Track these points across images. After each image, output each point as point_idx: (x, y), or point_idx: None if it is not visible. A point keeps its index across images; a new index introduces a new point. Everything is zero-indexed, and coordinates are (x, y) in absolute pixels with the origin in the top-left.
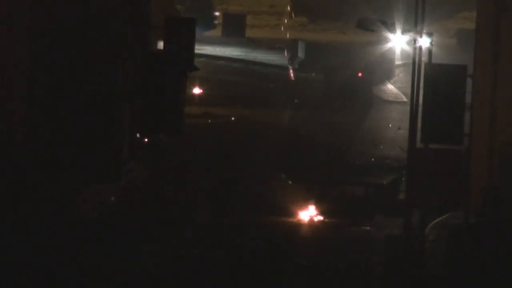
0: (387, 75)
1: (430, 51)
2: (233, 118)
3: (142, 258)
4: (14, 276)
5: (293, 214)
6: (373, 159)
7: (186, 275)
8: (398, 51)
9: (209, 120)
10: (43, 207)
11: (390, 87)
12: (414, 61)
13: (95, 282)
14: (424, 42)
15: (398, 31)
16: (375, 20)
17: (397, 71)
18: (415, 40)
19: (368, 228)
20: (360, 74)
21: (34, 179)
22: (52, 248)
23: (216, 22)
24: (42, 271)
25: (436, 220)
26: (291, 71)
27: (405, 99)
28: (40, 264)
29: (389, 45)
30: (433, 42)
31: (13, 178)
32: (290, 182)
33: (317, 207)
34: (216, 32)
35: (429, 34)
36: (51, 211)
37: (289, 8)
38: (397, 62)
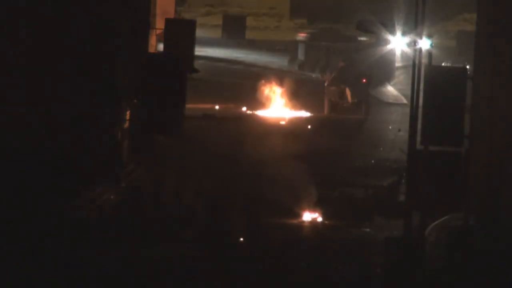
0: (387, 77)
1: (430, 53)
2: (233, 120)
3: (141, 259)
4: (14, 276)
5: (292, 215)
6: (373, 161)
7: (186, 276)
8: (398, 53)
9: (209, 122)
10: (43, 208)
11: (390, 89)
12: (414, 63)
13: (95, 282)
14: (424, 44)
15: (398, 33)
16: (375, 21)
17: (397, 73)
18: (415, 42)
19: (368, 230)
20: (364, 80)
21: (34, 180)
22: (52, 249)
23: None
24: (42, 271)
25: (436, 222)
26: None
27: (405, 101)
28: (40, 264)
29: (389, 46)
30: (433, 44)
31: (13, 179)
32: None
33: (317, 209)
34: (217, 34)
35: (430, 36)
36: (51, 212)
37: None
38: (397, 64)
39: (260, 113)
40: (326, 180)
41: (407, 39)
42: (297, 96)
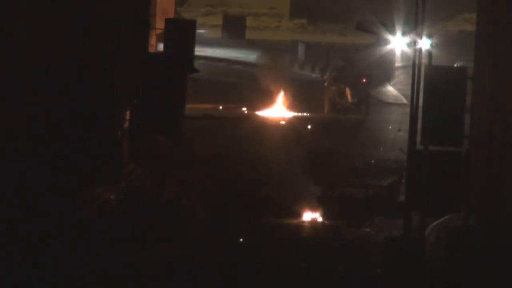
0: (387, 77)
1: (430, 53)
2: (233, 120)
3: (141, 259)
4: (14, 276)
5: (292, 215)
6: (373, 161)
7: (186, 276)
8: (398, 53)
9: (209, 122)
10: (44, 208)
11: (390, 89)
12: (414, 63)
13: (95, 282)
14: (424, 44)
15: (398, 33)
16: (375, 21)
17: (397, 73)
18: (415, 42)
19: (368, 229)
20: (364, 80)
21: (35, 180)
22: (52, 249)
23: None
24: (42, 271)
25: (436, 222)
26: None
27: (405, 101)
28: (40, 264)
29: (389, 46)
30: (433, 44)
31: (13, 179)
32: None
33: (317, 209)
34: (217, 34)
35: (430, 36)
36: (52, 212)
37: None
38: (397, 64)
39: (260, 113)
40: (326, 180)
41: (407, 39)
42: (297, 96)
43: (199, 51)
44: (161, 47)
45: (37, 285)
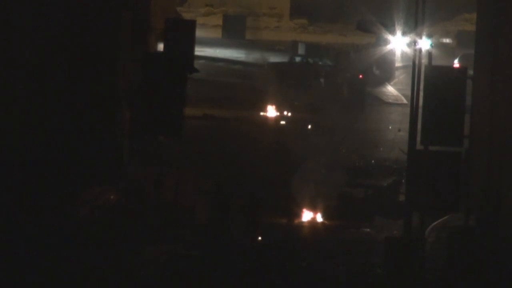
0: (387, 77)
1: (430, 53)
2: (233, 120)
3: (141, 259)
4: (14, 275)
5: (293, 215)
6: (373, 161)
7: (186, 276)
8: (398, 53)
9: (209, 122)
10: (44, 208)
11: (390, 89)
12: (414, 63)
13: (94, 282)
14: (424, 44)
15: (398, 33)
16: (375, 21)
17: (397, 73)
18: (415, 42)
19: (368, 230)
20: (360, 76)
21: (35, 180)
22: (52, 249)
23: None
24: (42, 271)
25: (436, 222)
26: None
27: (405, 101)
28: (40, 264)
29: (389, 46)
30: (433, 44)
31: (13, 179)
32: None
33: (317, 209)
34: (217, 34)
35: (429, 36)
36: (51, 212)
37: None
38: (397, 64)
39: (260, 113)
40: (326, 180)
41: (407, 39)
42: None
43: (199, 51)
44: (161, 47)
45: (37, 284)
